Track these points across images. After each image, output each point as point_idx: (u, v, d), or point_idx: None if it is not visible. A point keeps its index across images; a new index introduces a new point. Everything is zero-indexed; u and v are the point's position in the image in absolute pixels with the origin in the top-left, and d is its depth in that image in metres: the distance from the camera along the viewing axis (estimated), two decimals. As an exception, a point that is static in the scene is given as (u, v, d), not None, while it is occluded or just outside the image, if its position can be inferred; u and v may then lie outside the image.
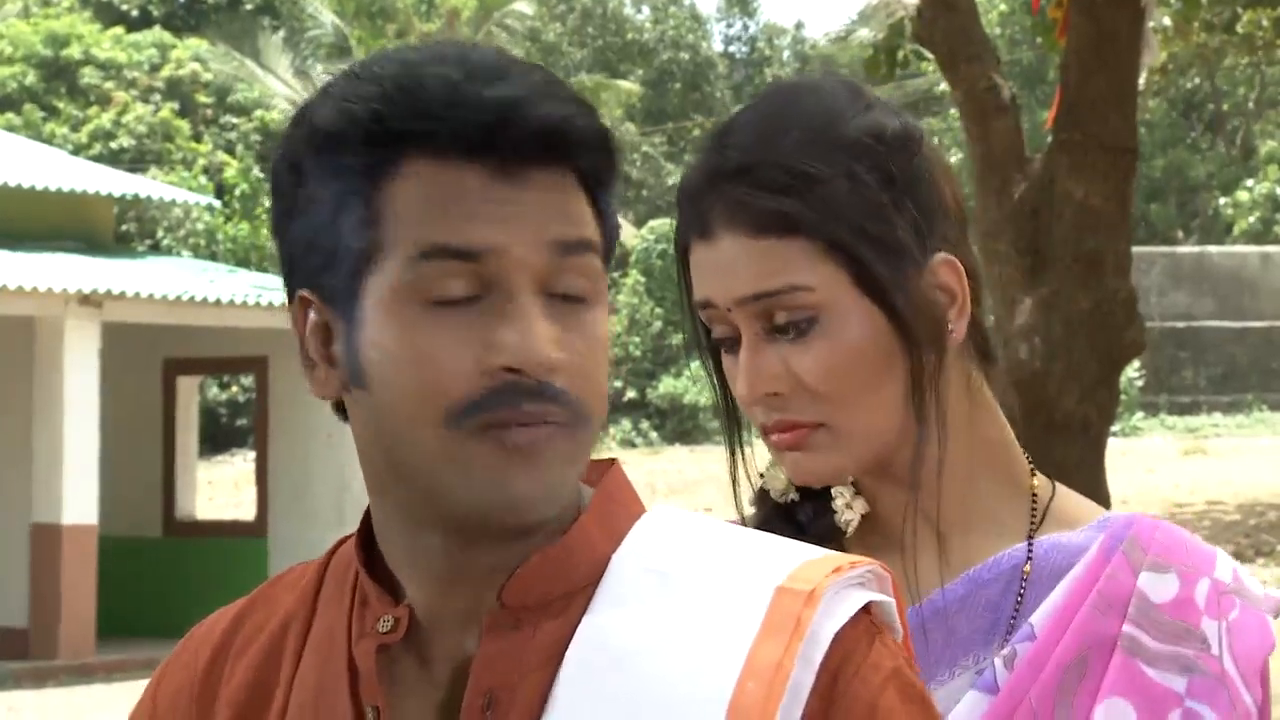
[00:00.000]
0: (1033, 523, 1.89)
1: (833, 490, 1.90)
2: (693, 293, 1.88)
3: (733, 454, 1.94)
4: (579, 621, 1.48)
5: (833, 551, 1.53)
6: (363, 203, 1.47)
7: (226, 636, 1.60)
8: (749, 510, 1.95)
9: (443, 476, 1.45)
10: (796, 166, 1.83)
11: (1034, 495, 1.90)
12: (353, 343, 1.48)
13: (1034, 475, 1.92)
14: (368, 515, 1.56)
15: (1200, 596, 1.85)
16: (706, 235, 1.85)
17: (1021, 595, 1.85)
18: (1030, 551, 1.87)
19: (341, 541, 1.62)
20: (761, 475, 1.94)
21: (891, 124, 1.87)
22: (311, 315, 1.51)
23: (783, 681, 1.43)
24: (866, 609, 1.48)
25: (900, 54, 10.27)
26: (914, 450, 1.86)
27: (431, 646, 1.52)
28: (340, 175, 1.48)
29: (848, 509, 1.90)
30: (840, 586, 1.47)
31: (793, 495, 1.91)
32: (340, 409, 1.55)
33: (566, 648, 1.48)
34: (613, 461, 1.59)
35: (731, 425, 1.94)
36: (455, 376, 1.43)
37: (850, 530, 1.90)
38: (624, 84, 42.86)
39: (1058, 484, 1.93)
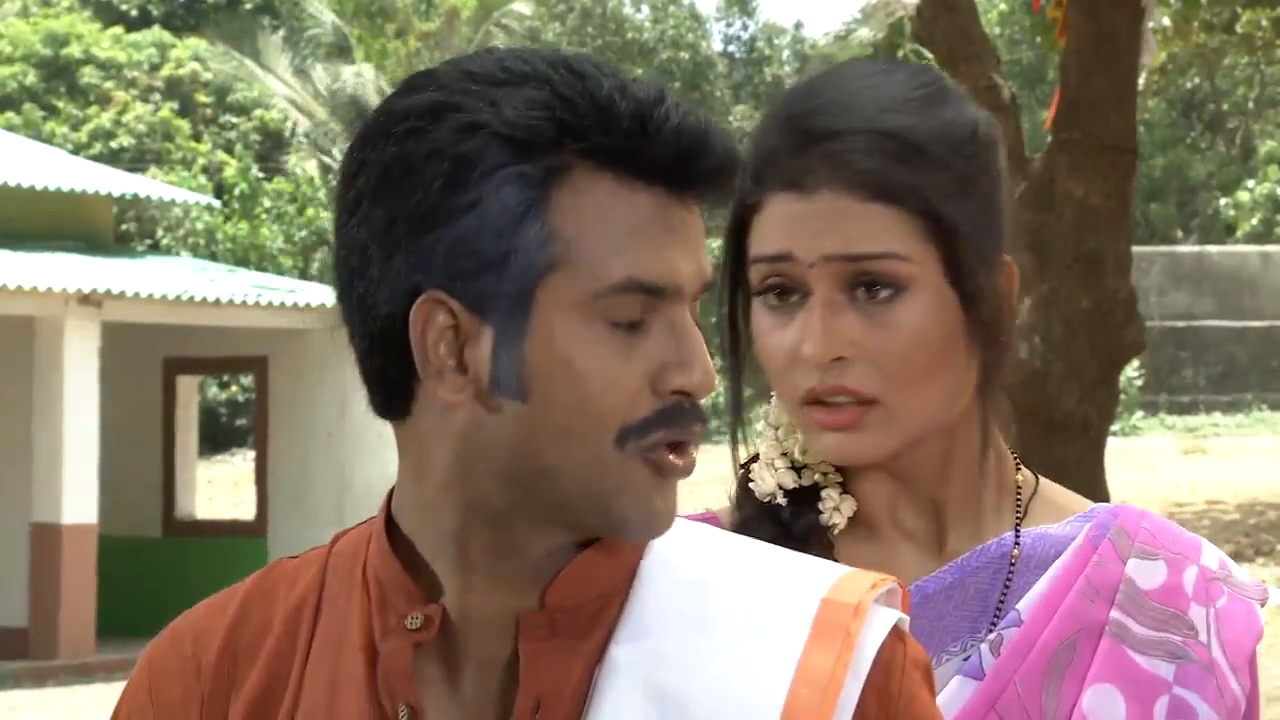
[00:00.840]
0: (1018, 514, 1.90)
1: (822, 491, 1.90)
2: (744, 248, 1.86)
3: (737, 413, 1.94)
4: (614, 626, 1.51)
5: (857, 569, 1.57)
6: (541, 213, 1.47)
7: (230, 633, 1.58)
8: (731, 511, 1.94)
9: (598, 491, 1.48)
10: (908, 136, 1.82)
11: (1018, 488, 1.91)
12: (513, 353, 1.47)
13: (1019, 470, 1.93)
14: (387, 512, 1.55)
15: (1188, 583, 1.85)
16: (801, 189, 1.82)
17: (1009, 582, 1.86)
18: (1018, 539, 1.87)
19: (339, 536, 1.60)
20: (747, 474, 1.94)
21: (982, 118, 1.89)
22: (440, 318, 1.48)
23: (836, 690, 1.48)
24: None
25: (900, 53, 10.28)
26: (978, 440, 1.87)
27: (459, 646, 1.51)
28: (518, 182, 1.47)
29: (835, 511, 1.90)
30: (877, 600, 1.53)
31: (779, 497, 1.91)
32: (389, 409, 1.52)
33: (602, 654, 1.49)
34: None
35: (739, 384, 1.93)
36: (633, 397, 1.47)
37: (838, 530, 1.90)
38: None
39: (1041, 478, 1.94)
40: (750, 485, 1.93)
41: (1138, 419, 34.75)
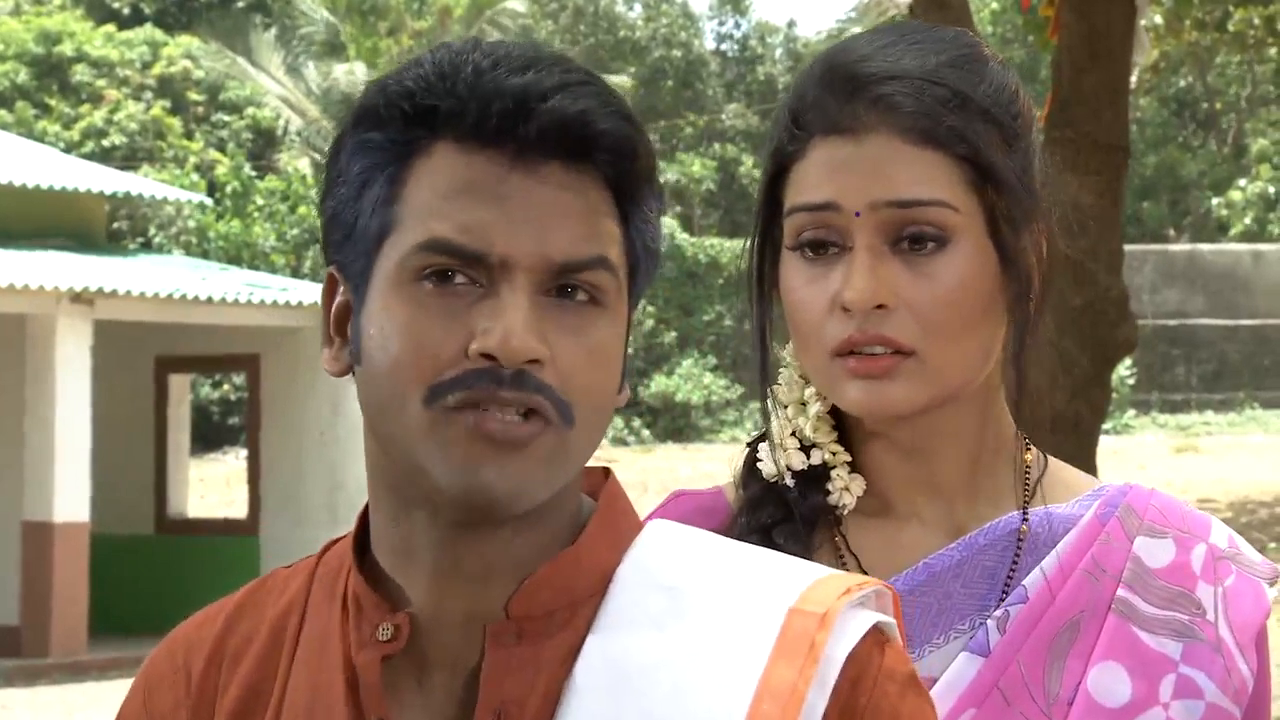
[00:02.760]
0: (1026, 492, 1.89)
1: (831, 472, 1.88)
2: (779, 201, 1.84)
3: (764, 375, 1.90)
4: (584, 634, 1.48)
5: (835, 570, 1.54)
6: (387, 181, 1.48)
7: (219, 643, 1.59)
8: (736, 488, 1.92)
9: (422, 453, 1.45)
10: (957, 86, 1.81)
11: (1027, 468, 1.90)
12: (359, 319, 1.49)
13: (1028, 450, 1.92)
14: (363, 520, 1.55)
15: (1196, 562, 1.84)
16: (849, 133, 1.80)
17: (1017, 560, 1.85)
18: (1026, 518, 1.86)
19: (330, 545, 1.60)
20: (755, 453, 1.92)
21: (1020, 86, 1.88)
22: (335, 291, 1.52)
23: (798, 704, 1.44)
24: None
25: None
26: (991, 417, 1.87)
27: (429, 655, 1.50)
28: (368, 151, 1.49)
29: (845, 491, 1.88)
30: (849, 607, 1.49)
31: (787, 478, 1.89)
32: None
33: (573, 661, 1.47)
34: (606, 470, 1.58)
35: (765, 357, 1.90)
36: (439, 358, 1.44)
37: (846, 511, 1.88)
38: (613, 78, 42.78)
39: (1051, 458, 1.93)
40: (758, 465, 1.91)
41: (1130, 417, 34.77)
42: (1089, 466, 8.02)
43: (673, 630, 1.47)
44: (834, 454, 1.88)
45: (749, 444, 1.93)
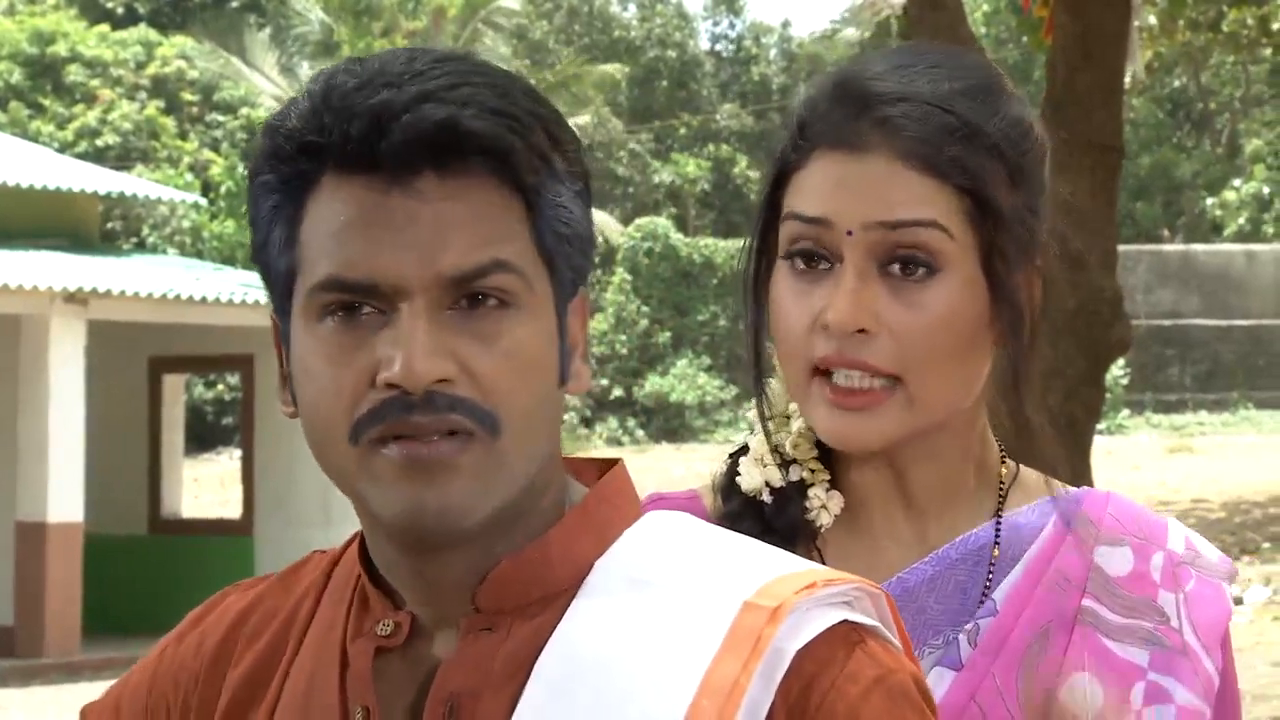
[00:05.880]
0: (1000, 504, 1.89)
1: (809, 490, 1.88)
2: (778, 205, 1.82)
3: (759, 380, 1.89)
4: (555, 627, 1.46)
5: (817, 566, 1.49)
6: (285, 222, 1.47)
7: (241, 618, 1.60)
8: (714, 495, 1.92)
9: (360, 488, 1.46)
10: (967, 116, 1.79)
11: (1001, 481, 1.90)
12: (288, 363, 1.50)
13: (1004, 461, 1.92)
14: None
15: (1155, 570, 1.86)
16: (852, 148, 1.78)
17: (990, 576, 1.85)
18: (998, 534, 1.87)
19: (358, 535, 1.60)
20: (736, 467, 1.91)
21: (1037, 121, 1.87)
22: (277, 334, 1.53)
23: (737, 699, 1.40)
24: (849, 620, 1.45)
25: (886, 52, 10.26)
26: (973, 437, 1.86)
27: (420, 651, 1.50)
28: (267, 194, 1.48)
29: (823, 509, 1.87)
30: (813, 604, 1.44)
31: (765, 494, 1.88)
32: None
33: (539, 655, 1.45)
34: (615, 462, 1.56)
35: (759, 360, 1.88)
36: (351, 395, 1.43)
37: (824, 529, 1.87)
38: (606, 68, 42.66)
39: (1021, 465, 1.93)
40: (737, 479, 1.91)
41: (1123, 417, 34.80)
42: (1084, 467, 8.02)
43: (633, 624, 1.45)
44: (813, 471, 1.88)
45: (731, 455, 1.92)
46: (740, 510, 1.88)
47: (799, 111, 1.84)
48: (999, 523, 1.88)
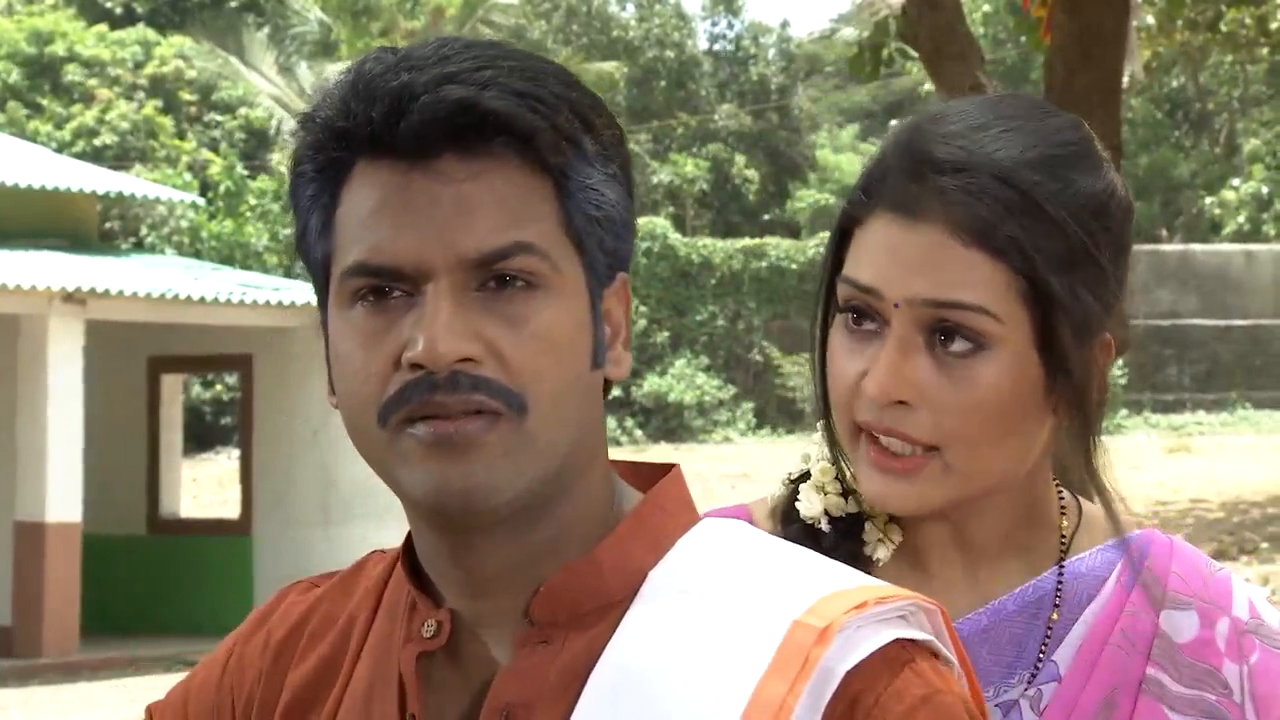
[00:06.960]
0: (1062, 554, 1.86)
1: (866, 523, 1.85)
2: (841, 263, 1.79)
3: (829, 428, 1.84)
4: (608, 639, 1.45)
5: (871, 581, 1.47)
6: (321, 210, 1.47)
7: (303, 618, 1.60)
8: (771, 520, 1.89)
9: (392, 470, 1.45)
10: (1031, 193, 1.73)
11: (1063, 535, 1.86)
12: (328, 351, 1.50)
13: (1063, 514, 1.88)
14: None
15: (1221, 638, 1.83)
16: (907, 215, 1.73)
17: (1049, 634, 1.82)
18: (1059, 592, 1.83)
19: (407, 536, 1.60)
20: (796, 492, 1.88)
21: (1120, 187, 1.79)
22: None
23: (784, 719, 1.39)
24: (901, 639, 1.43)
25: (885, 52, 10.26)
26: (1037, 490, 1.82)
27: (470, 655, 1.50)
28: (305, 184, 1.48)
29: (880, 543, 1.85)
30: (863, 623, 1.43)
31: (823, 523, 1.85)
32: None
33: (593, 667, 1.44)
34: (671, 467, 1.55)
35: (828, 409, 1.83)
36: (379, 378, 1.44)
37: (881, 564, 1.84)
38: (604, 67, 42.67)
39: (1084, 502, 1.89)
40: (797, 504, 1.88)
41: (1122, 417, 34.78)
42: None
43: (683, 637, 1.44)
44: (872, 505, 1.84)
45: (793, 481, 1.89)
46: (797, 537, 1.83)
47: (868, 165, 1.80)
48: (1061, 574, 1.84)
